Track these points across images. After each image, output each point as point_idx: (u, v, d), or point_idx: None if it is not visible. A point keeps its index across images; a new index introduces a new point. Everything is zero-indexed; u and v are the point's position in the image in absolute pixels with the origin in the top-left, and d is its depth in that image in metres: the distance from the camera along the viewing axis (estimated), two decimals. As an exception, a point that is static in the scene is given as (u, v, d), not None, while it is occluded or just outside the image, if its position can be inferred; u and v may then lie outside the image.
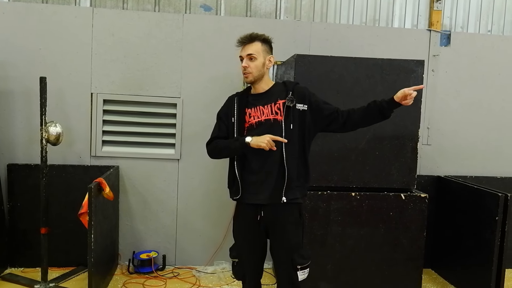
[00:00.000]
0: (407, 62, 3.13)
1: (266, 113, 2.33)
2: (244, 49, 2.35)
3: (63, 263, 3.61)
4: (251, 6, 3.84)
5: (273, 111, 2.32)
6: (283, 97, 2.32)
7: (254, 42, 2.32)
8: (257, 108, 2.34)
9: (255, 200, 2.34)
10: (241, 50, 2.37)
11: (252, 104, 2.36)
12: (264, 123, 2.31)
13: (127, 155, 3.74)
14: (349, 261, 3.16)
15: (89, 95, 3.65)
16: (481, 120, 4.04)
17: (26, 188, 3.55)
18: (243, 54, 2.35)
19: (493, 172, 4.07)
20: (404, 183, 3.20)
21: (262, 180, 2.32)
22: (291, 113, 2.29)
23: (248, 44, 2.33)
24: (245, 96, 2.42)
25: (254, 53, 2.32)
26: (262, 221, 2.35)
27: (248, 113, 2.35)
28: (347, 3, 3.93)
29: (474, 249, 3.37)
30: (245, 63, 2.32)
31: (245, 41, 2.34)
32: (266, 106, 2.33)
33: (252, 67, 2.31)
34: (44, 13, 3.56)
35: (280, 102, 2.32)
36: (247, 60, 2.32)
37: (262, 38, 2.35)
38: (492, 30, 4.10)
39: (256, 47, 2.32)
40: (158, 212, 3.82)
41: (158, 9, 3.75)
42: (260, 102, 2.35)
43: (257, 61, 2.32)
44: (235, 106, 2.38)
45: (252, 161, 2.33)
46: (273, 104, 2.32)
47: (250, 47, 2.32)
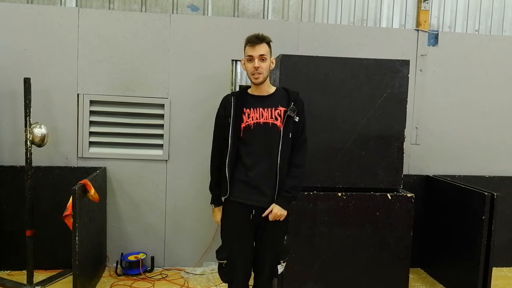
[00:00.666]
0: (393, 62, 3.13)
1: (265, 116, 2.34)
2: (255, 49, 2.31)
3: (50, 265, 3.59)
4: (239, 6, 3.83)
5: (273, 115, 2.34)
6: (284, 105, 2.36)
7: (263, 43, 2.32)
8: (257, 109, 2.35)
9: (244, 200, 2.37)
10: (249, 50, 2.33)
11: (251, 104, 2.37)
12: (262, 126, 2.33)
13: (114, 156, 3.72)
14: (336, 261, 3.15)
15: (76, 96, 3.63)
16: (470, 119, 4.06)
17: (12, 190, 3.53)
18: (254, 54, 2.32)
19: (482, 171, 4.08)
20: (390, 183, 3.20)
21: (256, 182, 2.35)
22: (290, 122, 2.35)
23: (259, 45, 2.31)
24: (243, 95, 2.42)
25: (266, 54, 2.32)
26: (254, 220, 2.38)
27: (246, 113, 2.35)
28: (334, 3, 3.93)
29: (462, 248, 3.38)
30: (257, 63, 2.31)
31: (257, 41, 2.31)
32: (266, 109, 2.35)
33: (264, 68, 2.32)
34: (29, 14, 3.54)
35: (281, 109, 2.35)
36: (259, 60, 2.31)
37: (269, 40, 2.37)
38: (479, 30, 4.11)
39: (265, 48, 2.33)
40: (146, 213, 3.81)
41: (144, 9, 3.74)
42: (261, 104, 2.36)
43: (267, 62, 2.34)
44: (232, 105, 2.37)
45: (247, 161, 2.35)
46: (274, 109, 2.35)
47: (262, 48, 2.32)
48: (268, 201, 2.36)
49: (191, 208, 3.83)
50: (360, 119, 3.13)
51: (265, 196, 2.36)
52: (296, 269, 3.09)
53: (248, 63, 2.36)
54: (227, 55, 3.73)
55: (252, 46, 2.31)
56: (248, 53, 2.34)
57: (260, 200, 2.36)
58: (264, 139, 2.35)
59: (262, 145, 2.35)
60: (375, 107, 3.13)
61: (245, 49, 2.37)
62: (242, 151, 2.36)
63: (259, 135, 2.32)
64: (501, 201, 3.24)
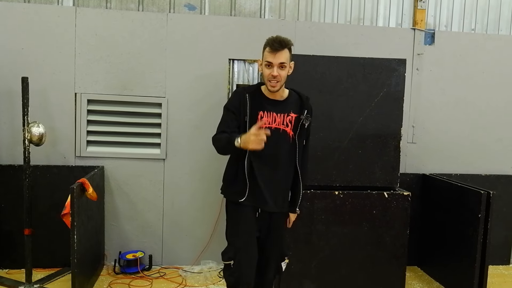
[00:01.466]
0: (389, 61, 3.15)
1: (278, 121, 2.30)
2: (275, 56, 2.18)
3: (48, 264, 3.60)
4: (236, 5, 3.83)
5: (285, 122, 2.31)
6: (296, 111, 2.33)
7: (285, 49, 2.19)
8: (271, 113, 2.29)
9: (257, 204, 2.35)
10: (269, 56, 2.19)
11: (266, 108, 2.29)
12: (273, 131, 2.26)
13: (112, 155, 3.72)
14: (333, 259, 3.17)
15: (73, 95, 3.63)
16: (466, 118, 4.07)
17: (10, 189, 3.53)
18: (274, 62, 2.18)
19: (478, 170, 4.10)
20: (387, 181, 3.22)
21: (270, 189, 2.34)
22: (304, 129, 2.35)
23: (280, 52, 2.18)
24: (258, 96, 2.33)
25: (286, 61, 2.20)
26: (260, 219, 2.39)
27: (259, 116, 2.28)
28: (331, 2, 3.94)
29: (458, 246, 3.41)
30: (276, 71, 2.18)
31: (278, 48, 2.17)
32: (279, 115, 2.30)
33: (282, 76, 2.21)
34: (26, 13, 3.53)
35: (292, 116, 2.32)
36: (278, 68, 2.19)
37: (291, 44, 2.24)
38: (476, 29, 4.12)
39: (286, 55, 2.20)
40: (144, 212, 3.82)
41: (141, 8, 3.74)
42: (275, 108, 2.30)
43: (286, 69, 2.22)
44: (248, 105, 2.28)
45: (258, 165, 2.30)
46: (286, 115, 2.31)
47: (283, 55, 2.19)
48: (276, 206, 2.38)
49: (189, 206, 3.84)
50: (357, 117, 3.15)
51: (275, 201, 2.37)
52: (294, 267, 3.11)
53: (266, 69, 2.22)
54: (224, 54, 3.74)
55: (273, 52, 2.18)
56: (267, 59, 2.20)
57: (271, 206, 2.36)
58: (272, 144, 2.24)
59: (270, 150, 2.23)
60: (371, 106, 3.15)
61: (264, 53, 2.24)
62: (257, 154, 2.24)
63: (268, 139, 2.16)
64: (497, 200, 3.27)
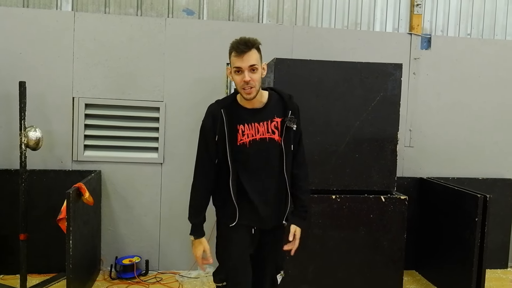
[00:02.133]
0: (385, 66, 3.16)
1: (261, 131, 2.07)
2: (243, 59, 1.95)
3: (44, 269, 3.58)
4: (234, 10, 3.86)
5: (269, 129, 2.08)
6: (280, 114, 2.09)
7: (252, 50, 1.96)
8: (252, 125, 2.06)
9: (252, 223, 2.16)
10: (236, 60, 1.96)
11: (245, 120, 2.06)
12: (259, 142, 2.06)
13: (109, 160, 3.72)
14: (330, 263, 3.16)
15: (71, 99, 3.64)
16: (463, 121, 4.09)
17: (6, 194, 3.51)
18: (243, 66, 1.94)
19: (475, 174, 4.11)
20: (384, 185, 3.22)
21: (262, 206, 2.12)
22: (291, 133, 2.11)
23: (247, 53, 1.94)
24: (234, 109, 2.10)
25: (256, 63, 1.97)
26: (255, 235, 2.20)
27: (240, 130, 2.06)
28: (328, 7, 3.97)
29: (455, 250, 3.41)
30: (248, 76, 1.94)
31: (245, 49, 1.94)
32: (262, 124, 2.07)
33: (256, 80, 1.97)
34: (25, 17, 3.54)
35: (277, 121, 2.08)
36: (249, 72, 1.95)
37: (258, 44, 2.01)
38: (471, 34, 4.16)
39: (255, 55, 1.98)
40: (141, 216, 3.81)
41: (140, 13, 3.76)
42: (256, 118, 2.07)
43: (259, 72, 1.99)
44: (225, 122, 2.05)
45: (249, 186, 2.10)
46: (270, 122, 2.08)
47: (251, 56, 1.95)
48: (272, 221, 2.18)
49: (186, 211, 3.78)
50: (354, 122, 3.16)
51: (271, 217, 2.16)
52: (291, 272, 3.09)
53: (236, 75, 1.98)
54: (222, 58, 3.74)
55: (240, 56, 1.95)
56: (235, 65, 1.97)
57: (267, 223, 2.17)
58: (261, 156, 2.09)
59: (260, 162, 2.09)
60: (368, 110, 3.16)
61: (231, 58, 2.01)
62: (241, 171, 2.09)
63: (256, 153, 2.06)
64: (494, 203, 3.27)
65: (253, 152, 2.07)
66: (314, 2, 3.94)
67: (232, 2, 3.84)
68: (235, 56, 1.97)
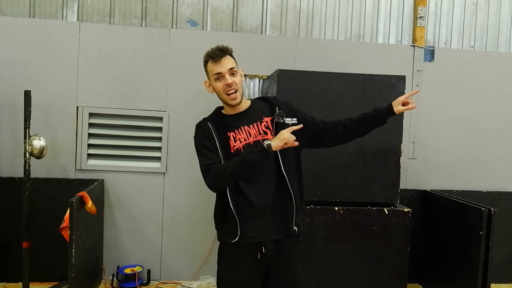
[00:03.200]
0: (389, 78, 3.17)
1: (253, 133, 2.00)
2: (221, 64, 1.95)
3: (47, 277, 3.58)
4: (237, 22, 3.88)
5: (261, 130, 2.01)
6: (268, 114, 2.03)
7: (227, 56, 1.97)
8: (242, 129, 2.00)
9: (257, 238, 1.97)
10: (214, 66, 1.96)
11: (234, 126, 2.01)
12: (254, 146, 1.98)
13: (112, 169, 3.73)
14: (332, 276, 3.14)
15: (75, 108, 3.66)
16: (466, 134, 4.08)
17: (10, 202, 3.53)
18: (223, 70, 1.94)
19: (479, 186, 4.09)
20: (387, 198, 3.21)
21: (264, 212, 1.97)
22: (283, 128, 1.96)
23: (224, 58, 1.96)
24: (219, 119, 2.06)
25: (235, 66, 1.98)
26: (264, 259, 1.98)
27: (232, 137, 1.99)
28: (331, 19, 3.99)
29: (459, 263, 3.37)
30: (230, 79, 1.94)
31: (221, 54, 1.95)
32: (252, 126, 2.01)
33: (238, 83, 1.97)
34: (31, 27, 3.59)
35: (267, 120, 2.02)
36: (230, 75, 1.95)
37: (231, 50, 2.02)
38: (475, 46, 4.16)
39: (232, 60, 1.99)
40: (143, 226, 3.80)
41: (145, 24, 3.79)
42: (243, 122, 2.02)
43: (238, 76, 1.99)
44: (214, 133, 2.00)
45: (247, 190, 1.97)
46: (259, 123, 2.02)
47: (228, 60, 1.97)
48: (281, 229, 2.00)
49: (188, 221, 3.83)
50: (357, 133, 3.15)
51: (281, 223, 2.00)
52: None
53: (217, 82, 1.97)
54: (226, 69, 3.77)
55: (217, 61, 1.94)
56: (214, 71, 1.96)
57: (275, 231, 1.99)
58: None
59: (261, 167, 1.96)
60: (371, 122, 3.15)
61: (208, 67, 2.00)
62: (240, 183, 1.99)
63: None
64: (498, 217, 3.24)
65: None
66: (317, 14, 3.97)
67: (235, 13, 3.87)
68: (213, 63, 1.97)
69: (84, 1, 3.70)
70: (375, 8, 4.03)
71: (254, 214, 1.97)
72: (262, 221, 1.97)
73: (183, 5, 3.82)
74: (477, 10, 4.16)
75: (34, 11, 3.66)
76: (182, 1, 3.82)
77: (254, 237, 1.97)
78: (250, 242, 1.97)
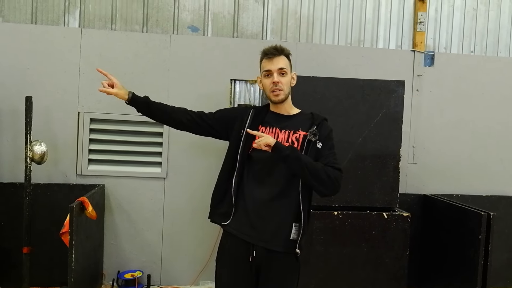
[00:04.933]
0: (388, 83, 3.18)
1: (280, 138, 2.00)
2: (273, 62, 2.01)
3: (47, 282, 3.58)
4: (238, 27, 3.91)
5: (290, 139, 2.00)
6: (305, 129, 2.02)
7: (282, 55, 2.04)
8: (273, 129, 2.03)
9: (248, 237, 1.98)
10: (267, 63, 2.03)
11: (268, 123, 2.05)
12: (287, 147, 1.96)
13: (113, 174, 3.74)
14: (332, 280, 3.14)
15: (76, 114, 3.68)
16: (466, 138, 4.08)
17: (11, 207, 3.54)
18: (272, 68, 2.01)
19: (479, 191, 4.08)
20: (386, 202, 3.21)
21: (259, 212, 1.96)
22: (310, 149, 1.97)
23: (277, 57, 2.02)
24: (263, 111, 2.12)
25: (286, 67, 2.03)
26: (254, 262, 1.98)
27: (260, 131, 2.02)
28: (332, 24, 4.01)
29: (459, 268, 3.37)
30: (277, 78, 2.00)
31: (275, 53, 2.02)
32: (284, 131, 2.02)
33: (284, 83, 2.02)
34: (33, 33, 3.62)
35: (300, 133, 2.01)
36: (278, 75, 2.01)
37: (288, 52, 2.08)
38: (475, 51, 4.17)
39: (285, 61, 2.04)
40: (143, 231, 3.81)
41: (146, 29, 3.82)
42: (279, 124, 2.04)
43: (287, 77, 2.04)
44: (249, 119, 2.07)
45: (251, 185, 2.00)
46: (292, 132, 2.01)
47: (281, 60, 2.03)
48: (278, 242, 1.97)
49: (188, 226, 3.83)
50: (356, 138, 3.17)
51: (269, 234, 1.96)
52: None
53: (265, 79, 2.04)
54: (226, 74, 3.80)
55: (270, 59, 2.02)
56: (265, 68, 2.03)
57: (264, 238, 1.96)
58: (272, 163, 1.98)
59: (270, 169, 1.99)
60: (371, 126, 3.17)
61: (261, 64, 2.07)
62: (249, 172, 2.02)
63: (267, 158, 1.96)
64: (498, 221, 3.25)
65: (264, 156, 1.97)
66: (318, 20, 3.99)
67: (236, 19, 3.90)
68: (266, 60, 2.04)
69: (86, 7, 3.74)
70: (375, 14, 4.05)
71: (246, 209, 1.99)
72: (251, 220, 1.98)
73: (184, 11, 3.85)
74: (477, 15, 4.17)
75: (36, 17, 3.69)
76: (183, 7, 3.85)
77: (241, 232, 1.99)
78: (236, 234, 2.00)
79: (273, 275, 1.99)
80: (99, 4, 3.74)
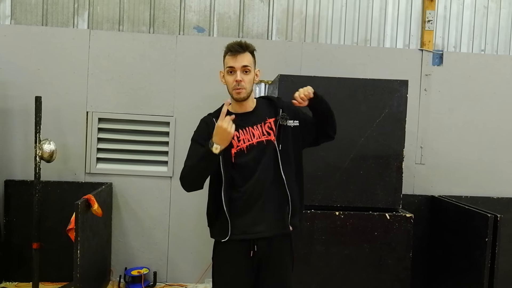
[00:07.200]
0: (391, 82, 3.15)
1: (257, 134, 2.04)
2: (237, 59, 1.99)
3: (56, 278, 3.68)
4: (243, 27, 3.93)
5: (264, 131, 2.05)
6: (272, 115, 2.08)
7: (246, 52, 2.02)
8: (247, 129, 2.04)
9: (250, 234, 2.02)
10: (230, 60, 2.01)
11: (239, 126, 2.01)
12: (257, 146, 2.03)
13: (120, 172, 3.82)
14: (333, 281, 3.13)
15: (85, 113, 3.77)
16: (476, 139, 4.00)
17: (22, 204, 3.66)
18: (236, 65, 1.99)
19: (489, 193, 4.00)
20: (389, 203, 3.18)
21: (259, 209, 2.02)
22: (284, 132, 2.05)
23: (241, 54, 2.00)
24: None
25: (249, 65, 2.01)
26: (256, 256, 2.04)
27: (235, 137, 2.00)
28: (338, 24, 3.99)
29: (466, 270, 3.31)
30: (240, 76, 1.98)
31: (239, 50, 2.00)
32: (256, 127, 2.05)
33: (247, 82, 2.00)
34: (44, 35, 3.72)
35: (270, 121, 2.06)
36: (242, 73, 1.99)
37: (253, 49, 2.06)
38: (485, 50, 4.09)
39: (249, 58, 2.03)
40: (150, 229, 3.87)
41: (152, 30, 3.88)
42: (249, 122, 2.05)
43: (251, 75, 2.03)
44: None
45: (243, 187, 2.02)
46: (263, 124, 2.06)
47: (245, 58, 2.01)
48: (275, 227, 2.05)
49: (194, 224, 3.87)
50: (358, 138, 3.14)
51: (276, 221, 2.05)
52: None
53: (228, 76, 2.02)
54: (231, 74, 3.82)
55: (234, 55, 2.00)
56: (228, 64, 2.01)
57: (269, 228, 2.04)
58: (259, 159, 2.03)
59: (261, 167, 2.03)
60: (373, 126, 3.14)
61: (225, 59, 2.05)
62: (237, 179, 2.03)
63: (255, 157, 2.01)
64: (507, 223, 3.18)
65: (251, 156, 2.02)
66: (324, 19, 3.98)
67: (241, 19, 3.92)
68: (229, 56, 2.02)
69: (94, 9, 3.82)
70: (382, 13, 4.02)
71: (246, 210, 2.02)
72: (254, 218, 2.02)
73: (190, 12, 3.90)
74: (487, 13, 4.09)
75: (47, 19, 3.80)
76: (189, 8, 3.89)
77: (245, 234, 2.02)
78: (241, 238, 2.02)
79: (272, 260, 2.06)
80: (107, 6, 3.82)
